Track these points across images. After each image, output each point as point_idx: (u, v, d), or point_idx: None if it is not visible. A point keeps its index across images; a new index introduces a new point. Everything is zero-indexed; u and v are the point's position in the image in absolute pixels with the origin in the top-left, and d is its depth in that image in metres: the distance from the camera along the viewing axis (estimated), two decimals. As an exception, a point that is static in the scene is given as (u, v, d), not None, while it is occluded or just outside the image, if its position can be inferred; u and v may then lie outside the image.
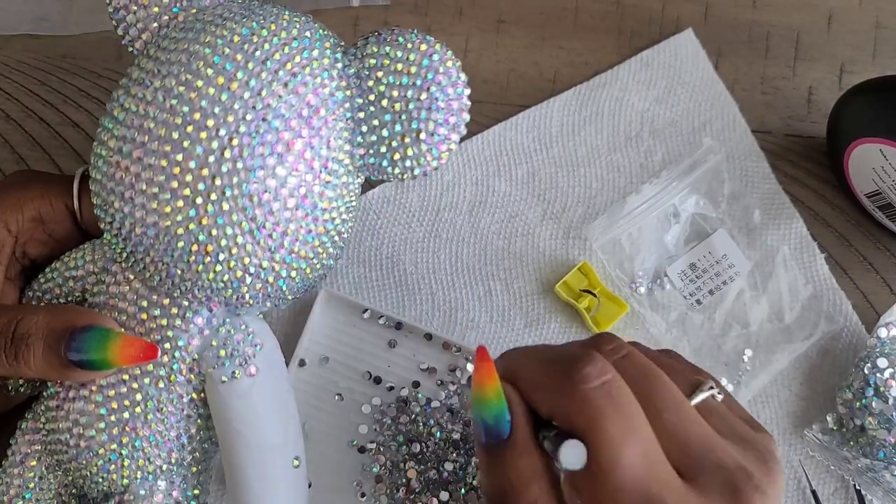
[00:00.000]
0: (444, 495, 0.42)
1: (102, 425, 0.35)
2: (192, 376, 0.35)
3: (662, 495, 0.25)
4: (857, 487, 0.43)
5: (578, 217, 0.48)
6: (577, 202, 0.48)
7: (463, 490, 0.42)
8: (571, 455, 0.25)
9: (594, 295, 0.45)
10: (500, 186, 0.48)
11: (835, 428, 0.43)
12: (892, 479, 0.41)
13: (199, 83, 0.32)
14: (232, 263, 0.33)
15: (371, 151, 0.35)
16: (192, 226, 0.32)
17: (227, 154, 0.32)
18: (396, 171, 0.35)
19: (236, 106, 0.32)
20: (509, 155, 0.48)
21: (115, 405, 0.35)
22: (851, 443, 0.42)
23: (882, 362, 0.42)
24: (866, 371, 0.42)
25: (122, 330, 0.34)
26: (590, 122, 0.49)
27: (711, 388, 0.29)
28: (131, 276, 0.35)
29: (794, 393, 0.45)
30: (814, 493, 0.43)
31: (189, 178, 0.32)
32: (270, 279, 0.34)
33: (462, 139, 0.48)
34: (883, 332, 0.44)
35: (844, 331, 0.46)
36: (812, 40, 0.51)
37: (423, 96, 0.34)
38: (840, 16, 0.51)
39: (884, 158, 0.43)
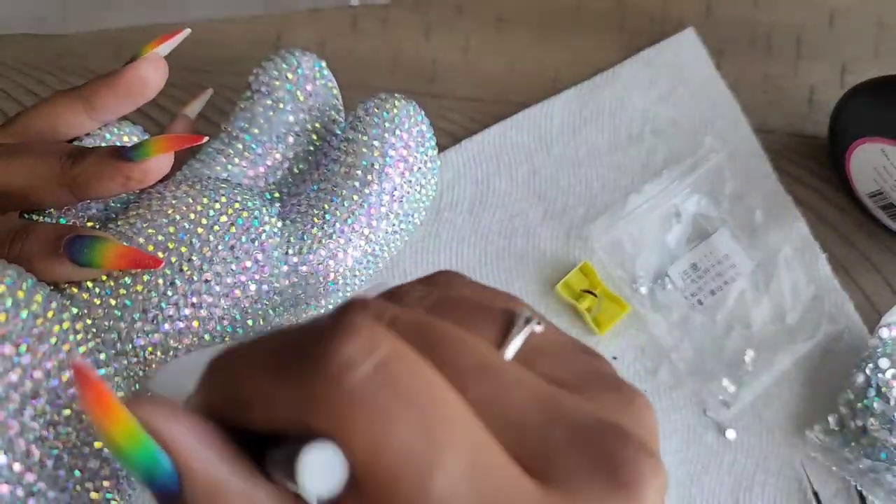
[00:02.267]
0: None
1: None
2: None
3: None
4: (859, 489, 0.43)
5: (579, 217, 0.47)
6: (578, 202, 0.48)
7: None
8: (317, 470, 0.15)
9: (595, 295, 0.45)
10: (500, 186, 0.48)
11: (836, 429, 0.43)
12: (894, 481, 0.41)
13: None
14: None
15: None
16: None
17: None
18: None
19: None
20: (510, 154, 0.48)
21: None
22: (853, 444, 0.42)
23: (884, 363, 0.42)
24: (868, 372, 0.42)
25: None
26: (591, 121, 0.49)
27: (529, 319, 0.19)
28: None
29: (795, 394, 0.45)
30: (815, 494, 0.43)
31: None
32: None
33: (462, 138, 0.48)
34: (885, 333, 0.43)
35: (846, 331, 0.46)
36: (814, 39, 0.51)
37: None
38: (842, 15, 0.51)
39: (885, 158, 0.43)
